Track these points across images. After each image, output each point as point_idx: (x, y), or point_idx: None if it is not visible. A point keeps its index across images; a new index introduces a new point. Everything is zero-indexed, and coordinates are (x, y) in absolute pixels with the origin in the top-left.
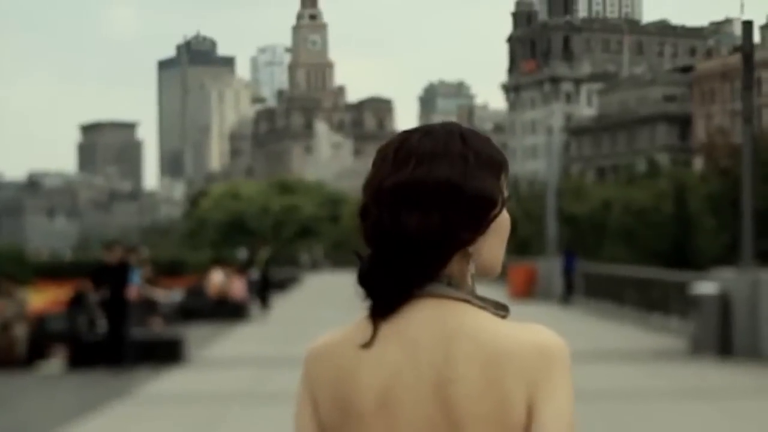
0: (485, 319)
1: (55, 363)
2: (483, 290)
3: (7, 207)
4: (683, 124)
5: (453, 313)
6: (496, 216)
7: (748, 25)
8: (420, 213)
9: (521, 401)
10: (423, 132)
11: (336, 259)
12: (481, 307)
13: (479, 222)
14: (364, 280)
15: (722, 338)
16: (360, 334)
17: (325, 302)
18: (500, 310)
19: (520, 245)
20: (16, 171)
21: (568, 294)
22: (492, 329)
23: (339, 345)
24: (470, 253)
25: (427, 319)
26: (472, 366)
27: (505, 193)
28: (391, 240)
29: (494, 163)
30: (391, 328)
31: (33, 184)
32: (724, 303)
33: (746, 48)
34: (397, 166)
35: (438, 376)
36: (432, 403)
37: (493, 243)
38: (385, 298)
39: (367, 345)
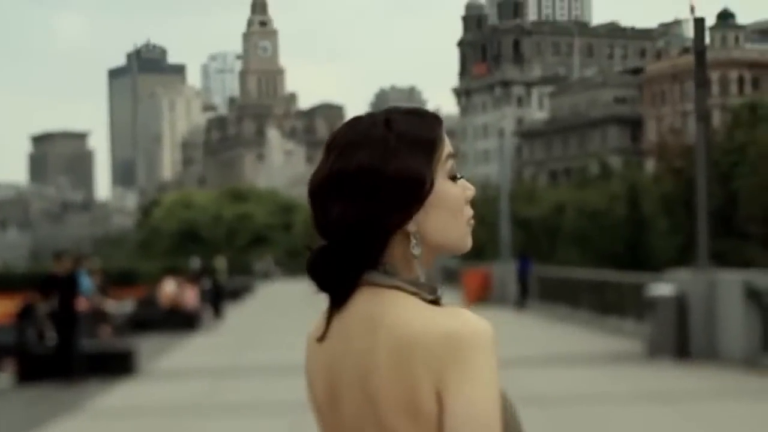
0: (407, 306)
1: (3, 377)
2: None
3: None
4: (634, 126)
5: (381, 302)
6: (426, 194)
7: (699, 23)
8: (342, 203)
9: (429, 390)
10: (348, 124)
11: (289, 267)
12: (412, 293)
13: (405, 203)
14: (311, 273)
15: (679, 340)
16: (319, 327)
17: (278, 311)
18: (431, 293)
19: (474, 250)
20: None
21: (522, 298)
22: (408, 317)
23: (309, 337)
24: (410, 235)
25: (359, 309)
26: (387, 355)
27: (446, 168)
28: (324, 233)
29: (421, 141)
30: (339, 320)
31: None
32: (680, 304)
33: (698, 45)
34: (324, 160)
35: (364, 368)
36: (361, 396)
37: (439, 219)
38: (330, 289)
39: (320, 339)
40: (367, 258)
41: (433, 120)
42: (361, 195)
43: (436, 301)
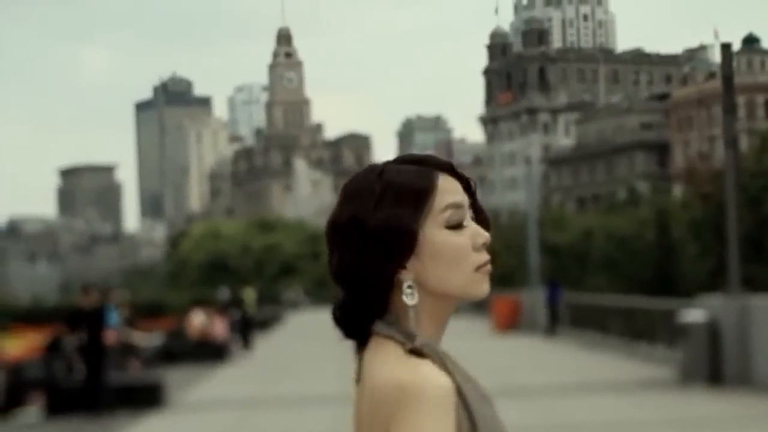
0: (385, 356)
1: (32, 411)
2: (466, 324)
3: None
4: (661, 151)
5: (372, 351)
6: (410, 244)
7: (727, 49)
8: (338, 252)
9: None
10: (357, 173)
11: (318, 296)
12: (399, 342)
13: (391, 253)
14: (334, 321)
15: (712, 366)
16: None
17: (307, 341)
18: (408, 340)
19: (503, 277)
20: None
21: (552, 325)
22: (380, 367)
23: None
24: (402, 285)
25: (365, 358)
26: (366, 404)
27: (444, 218)
28: (332, 279)
29: (411, 192)
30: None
31: (13, 229)
32: (712, 330)
33: (726, 71)
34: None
35: (359, 415)
36: None
37: (437, 269)
38: (347, 336)
39: (357, 381)
40: (369, 307)
41: (431, 170)
42: (352, 245)
43: (420, 351)
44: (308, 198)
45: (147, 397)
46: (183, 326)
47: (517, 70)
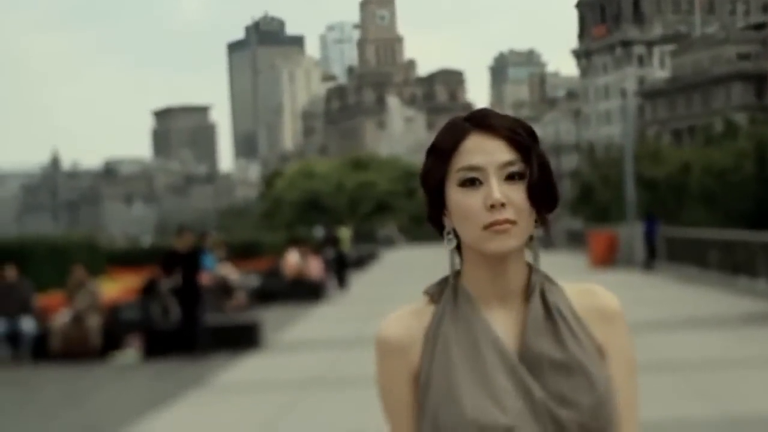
0: None
1: (129, 353)
2: (563, 259)
3: (84, 196)
4: (759, 82)
5: None
6: (431, 194)
7: None
8: None
9: None
10: None
11: (413, 233)
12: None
13: (429, 202)
14: None
15: None
16: None
17: (403, 278)
18: (438, 283)
19: (600, 212)
20: (92, 160)
21: (650, 260)
22: None
23: None
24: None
25: None
26: None
27: (456, 178)
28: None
29: (437, 149)
30: None
31: (109, 171)
32: None
33: None
34: None
35: None
36: None
37: (456, 222)
38: None
39: None
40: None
41: (462, 130)
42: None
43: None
44: (401, 135)
45: (243, 338)
46: (279, 266)
47: (611, 2)
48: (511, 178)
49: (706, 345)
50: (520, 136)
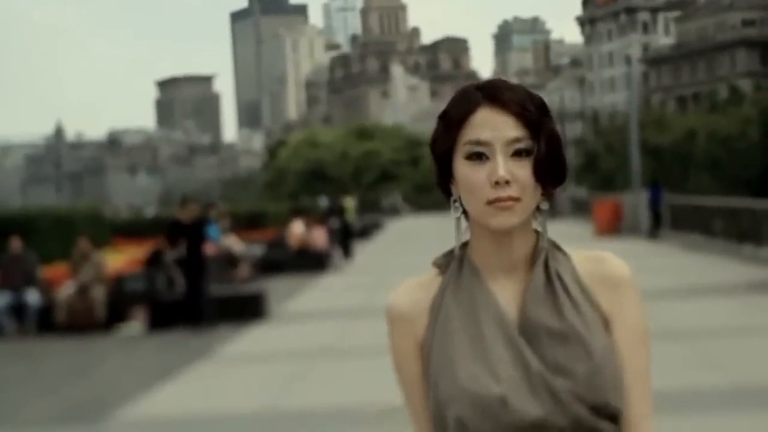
0: None
1: (134, 325)
2: (568, 227)
3: (88, 166)
4: (763, 48)
5: None
6: (437, 160)
7: None
8: None
9: None
10: None
11: (417, 202)
12: None
13: (437, 167)
14: None
15: None
16: None
17: (409, 248)
18: (445, 254)
19: (604, 180)
20: (96, 130)
21: (655, 228)
22: None
23: None
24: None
25: None
26: None
27: (464, 151)
28: None
29: (447, 118)
30: None
31: (113, 142)
32: None
33: None
34: None
35: None
36: None
37: (462, 192)
38: None
39: None
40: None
41: (468, 102)
42: None
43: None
44: (405, 104)
45: (249, 309)
46: (283, 236)
47: None
48: (518, 154)
49: (711, 313)
50: (529, 112)
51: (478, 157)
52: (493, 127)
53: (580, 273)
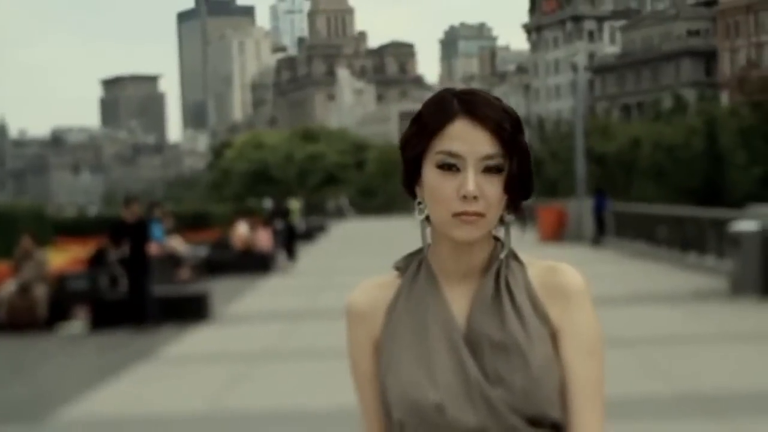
0: None
1: (76, 324)
2: (515, 232)
3: (31, 164)
4: (708, 58)
5: None
6: (405, 162)
7: None
8: None
9: None
10: None
11: (362, 206)
12: None
13: (404, 169)
14: None
15: (764, 277)
16: None
17: (353, 250)
18: (408, 255)
19: (549, 187)
20: (39, 128)
21: (599, 235)
22: None
23: None
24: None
25: None
26: None
27: (435, 160)
28: None
29: (421, 124)
30: None
31: (57, 140)
32: (765, 240)
33: None
34: None
35: None
36: None
37: (427, 200)
38: None
39: None
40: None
41: (445, 111)
42: None
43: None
44: (351, 107)
45: (192, 309)
46: (227, 237)
47: None
48: (488, 170)
49: (654, 321)
50: (505, 131)
51: (449, 167)
52: (468, 140)
53: (533, 283)
